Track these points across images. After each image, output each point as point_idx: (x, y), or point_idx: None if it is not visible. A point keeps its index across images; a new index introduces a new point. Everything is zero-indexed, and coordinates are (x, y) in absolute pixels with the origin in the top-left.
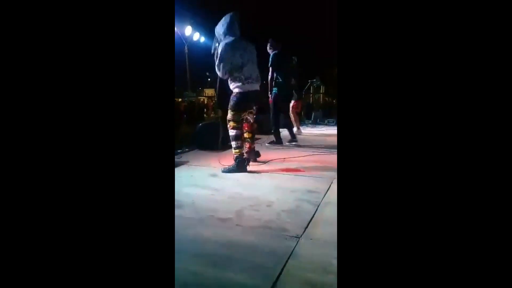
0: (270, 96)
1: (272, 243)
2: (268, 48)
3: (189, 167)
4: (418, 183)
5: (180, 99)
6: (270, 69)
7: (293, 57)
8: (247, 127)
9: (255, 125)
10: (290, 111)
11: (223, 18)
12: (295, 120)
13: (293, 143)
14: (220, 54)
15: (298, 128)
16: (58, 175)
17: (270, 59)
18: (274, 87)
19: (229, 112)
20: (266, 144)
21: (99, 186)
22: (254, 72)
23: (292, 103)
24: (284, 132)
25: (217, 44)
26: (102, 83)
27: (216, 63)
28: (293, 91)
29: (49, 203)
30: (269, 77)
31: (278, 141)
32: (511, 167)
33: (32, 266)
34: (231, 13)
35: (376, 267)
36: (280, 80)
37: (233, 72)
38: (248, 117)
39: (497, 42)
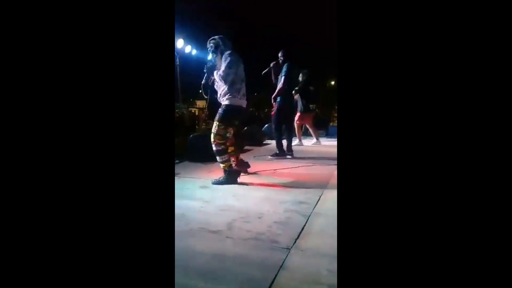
0: (274, 104)
1: (263, 255)
2: (280, 57)
3: (179, 178)
4: (418, 192)
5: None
6: (283, 79)
7: (305, 70)
8: (229, 142)
9: (234, 140)
10: (295, 123)
11: (216, 37)
12: (297, 132)
13: (288, 157)
14: (230, 61)
15: (300, 140)
16: (58, 181)
17: (285, 69)
18: (279, 97)
19: (215, 124)
20: (269, 157)
21: (100, 194)
22: (242, 87)
23: (297, 115)
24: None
25: (213, 55)
26: (102, 91)
27: (223, 68)
28: (301, 103)
29: (49, 207)
30: (280, 86)
31: (281, 153)
32: (511, 167)
33: (32, 269)
34: (220, 37)
35: (375, 277)
36: (285, 91)
37: (236, 83)
38: (229, 133)
39: (497, 42)
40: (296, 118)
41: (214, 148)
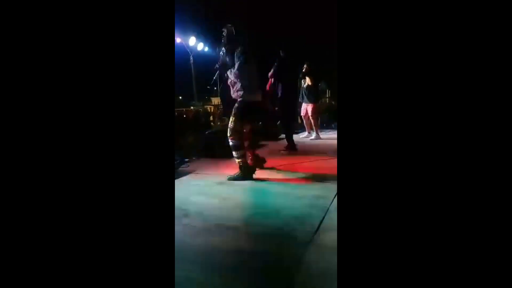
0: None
1: (281, 251)
2: (281, 52)
3: (196, 175)
4: (419, 189)
5: (192, 107)
6: (272, 74)
7: (307, 62)
8: (244, 137)
9: (251, 134)
10: (303, 115)
11: (230, 27)
12: (314, 125)
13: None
14: (243, 60)
15: (317, 134)
16: (58, 181)
17: (275, 67)
18: (279, 93)
19: (231, 119)
20: (281, 151)
21: (99, 193)
22: (256, 82)
23: (307, 106)
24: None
25: (224, 55)
26: (102, 90)
27: (237, 67)
28: (309, 94)
29: (49, 207)
30: (271, 78)
31: (293, 147)
32: (511, 167)
33: (32, 269)
34: (225, 28)
35: (376, 275)
36: (283, 85)
37: (249, 80)
38: (245, 129)
39: (497, 42)
40: (311, 111)
41: (230, 143)
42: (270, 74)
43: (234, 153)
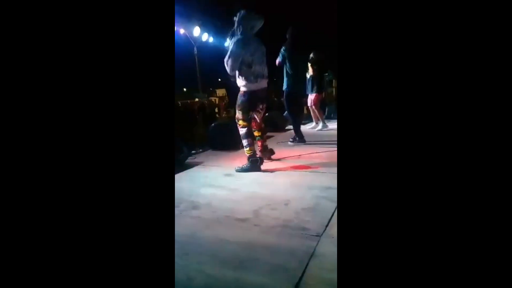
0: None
1: (292, 243)
2: (288, 36)
3: (204, 167)
4: (418, 192)
5: (197, 99)
6: (277, 62)
7: (314, 51)
8: (255, 125)
9: (263, 125)
10: (309, 105)
11: (237, 14)
12: (318, 115)
13: (301, 143)
14: (231, 50)
15: (324, 123)
16: (59, 178)
17: (282, 52)
18: (286, 83)
19: (237, 111)
20: (289, 142)
21: (99, 188)
22: (262, 70)
23: (311, 96)
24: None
25: (229, 40)
26: (102, 85)
27: (225, 58)
28: (313, 84)
29: (49, 205)
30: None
31: (300, 138)
32: (511, 167)
33: (33, 269)
34: (242, 12)
35: (376, 270)
36: (290, 75)
37: (242, 68)
38: (256, 116)
39: (497, 42)
40: (313, 101)
41: (240, 132)
42: (277, 62)
43: (244, 141)
